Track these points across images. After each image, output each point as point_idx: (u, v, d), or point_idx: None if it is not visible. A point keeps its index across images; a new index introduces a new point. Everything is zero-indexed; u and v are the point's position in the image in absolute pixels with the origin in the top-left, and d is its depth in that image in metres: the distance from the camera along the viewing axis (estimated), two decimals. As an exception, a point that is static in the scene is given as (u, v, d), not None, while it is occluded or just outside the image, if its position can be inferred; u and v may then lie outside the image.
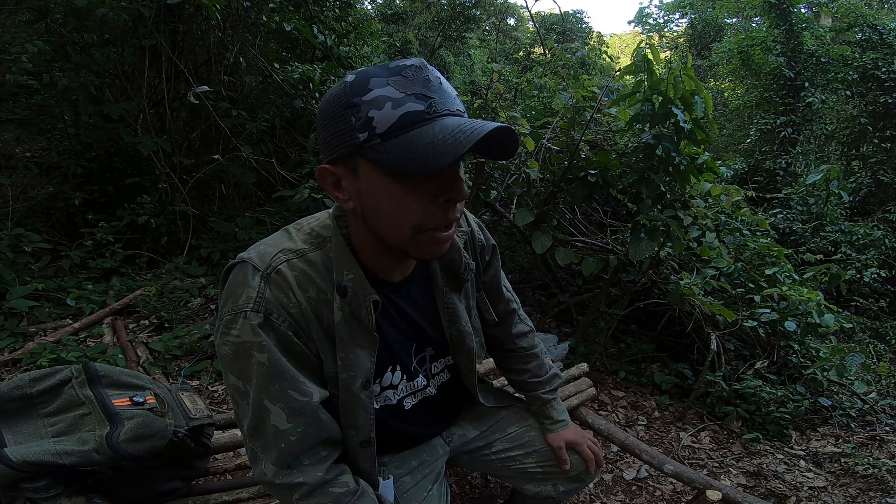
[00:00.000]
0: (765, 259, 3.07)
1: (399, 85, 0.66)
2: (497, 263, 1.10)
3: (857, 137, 7.91)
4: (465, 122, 0.66)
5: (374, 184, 0.70)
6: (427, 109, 0.66)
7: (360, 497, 0.82)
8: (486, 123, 0.66)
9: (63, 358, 2.23)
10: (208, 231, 3.48)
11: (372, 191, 0.71)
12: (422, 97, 0.66)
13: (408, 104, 0.65)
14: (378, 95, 0.66)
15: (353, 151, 0.69)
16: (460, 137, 0.64)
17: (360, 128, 0.67)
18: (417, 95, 0.66)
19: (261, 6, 3.54)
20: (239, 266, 0.78)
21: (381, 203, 0.71)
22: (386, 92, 0.66)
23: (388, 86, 0.66)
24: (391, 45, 9.81)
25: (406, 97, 0.66)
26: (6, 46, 3.10)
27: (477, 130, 0.64)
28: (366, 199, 0.72)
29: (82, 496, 0.98)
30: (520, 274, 3.49)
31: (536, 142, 2.56)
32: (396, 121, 0.65)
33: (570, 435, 1.14)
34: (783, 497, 1.99)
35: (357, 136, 0.67)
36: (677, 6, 18.18)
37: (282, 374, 0.75)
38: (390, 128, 0.65)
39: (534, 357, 1.18)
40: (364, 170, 0.70)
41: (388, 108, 0.65)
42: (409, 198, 0.70)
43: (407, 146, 0.65)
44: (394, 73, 0.67)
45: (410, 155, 0.65)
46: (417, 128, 0.65)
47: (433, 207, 0.71)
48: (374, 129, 0.66)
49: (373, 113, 0.66)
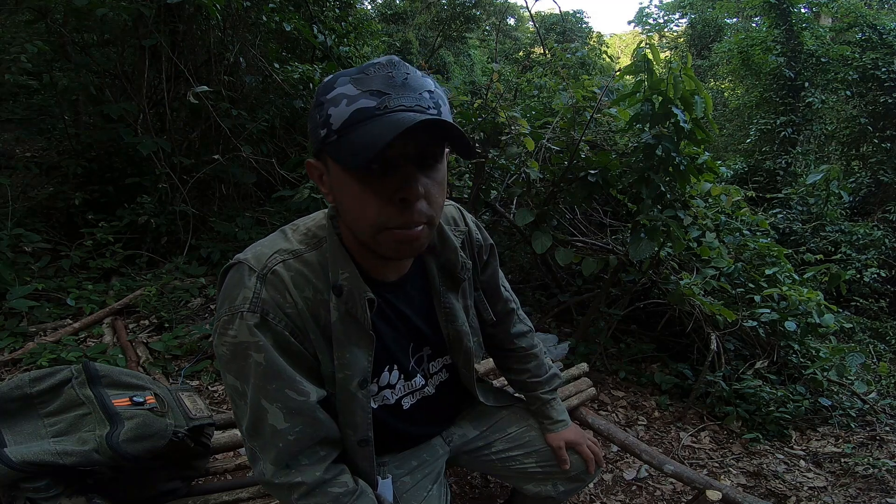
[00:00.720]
0: (765, 259, 3.06)
1: (358, 82, 0.67)
2: (495, 263, 1.09)
3: (857, 137, 7.91)
4: (403, 117, 0.64)
5: (337, 180, 0.72)
6: (378, 106, 0.66)
7: (358, 497, 0.82)
8: (417, 116, 0.64)
9: (63, 358, 2.24)
10: (208, 231, 3.48)
11: (338, 187, 0.73)
12: (376, 94, 0.66)
13: (360, 101, 0.66)
14: (337, 93, 0.67)
15: (320, 147, 0.71)
16: (386, 132, 0.63)
17: (322, 124, 0.68)
18: (372, 92, 0.66)
19: (261, 6, 3.54)
20: (235, 267, 0.78)
21: (344, 200, 0.73)
22: (344, 90, 0.67)
23: (349, 84, 0.67)
24: (391, 45, 9.80)
25: (360, 94, 0.66)
26: (6, 46, 3.09)
27: (405, 123, 0.63)
28: (336, 194, 0.75)
29: (82, 496, 0.98)
30: (520, 274, 3.49)
31: (536, 142, 2.56)
32: (348, 117, 0.66)
33: (570, 435, 1.14)
34: (783, 497, 1.99)
35: (320, 132, 0.69)
36: (677, 6, 18.17)
37: (279, 373, 0.76)
38: (343, 124, 0.66)
39: (533, 357, 1.18)
40: (330, 166, 0.72)
41: (343, 106, 0.66)
42: (365, 195, 0.70)
43: (354, 141, 0.66)
44: (359, 72, 0.68)
45: (353, 150, 0.65)
46: (366, 124, 0.66)
47: (389, 206, 0.70)
48: (331, 126, 0.67)
49: (331, 110, 0.67)
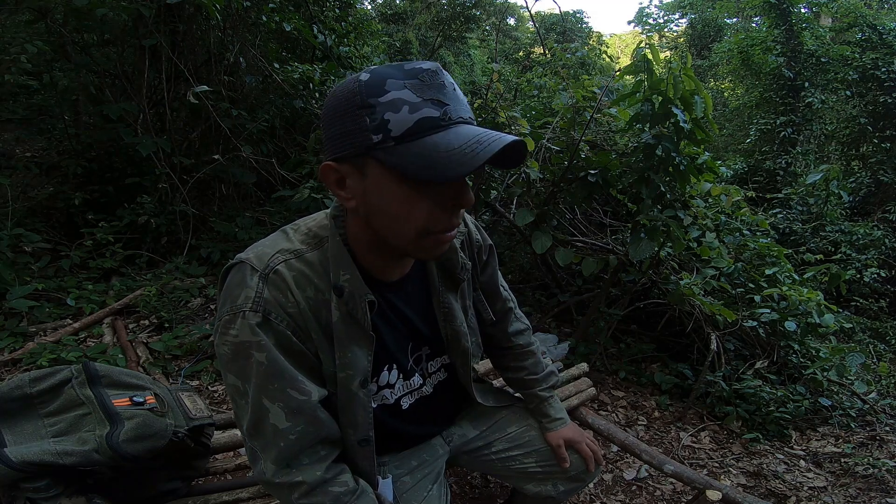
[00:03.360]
0: (765, 259, 3.06)
1: (416, 89, 0.66)
2: (494, 263, 1.10)
3: (857, 137, 7.90)
4: (482, 133, 0.66)
5: (382, 185, 0.70)
6: (443, 116, 0.66)
7: (359, 496, 0.82)
8: (502, 136, 0.66)
9: (63, 358, 2.23)
10: (208, 231, 3.48)
11: (379, 192, 0.71)
12: (438, 103, 0.66)
13: (424, 109, 0.65)
14: (395, 98, 0.65)
15: (363, 152, 0.68)
16: (478, 149, 0.64)
17: (375, 129, 0.66)
18: (434, 101, 0.66)
19: (261, 6, 3.54)
20: (237, 267, 0.78)
21: (387, 204, 0.71)
22: (403, 95, 0.66)
23: (406, 89, 0.66)
24: (391, 45, 9.79)
25: (423, 102, 0.66)
26: (6, 46, 3.09)
27: (494, 143, 0.65)
28: (372, 199, 0.72)
29: (82, 496, 0.98)
30: (520, 274, 3.49)
31: (536, 142, 2.56)
32: (413, 125, 0.65)
33: (569, 433, 1.14)
34: (783, 497, 1.99)
35: (371, 136, 0.67)
36: (677, 6, 18.18)
37: (280, 373, 0.76)
38: (406, 132, 0.65)
39: (530, 354, 1.18)
40: (373, 170, 0.70)
41: (406, 112, 0.65)
42: (417, 202, 0.70)
43: (422, 152, 0.65)
44: (411, 77, 0.67)
45: (425, 161, 0.65)
46: (433, 134, 0.66)
47: (439, 212, 0.72)
48: (389, 132, 0.66)
49: (389, 115, 0.65)
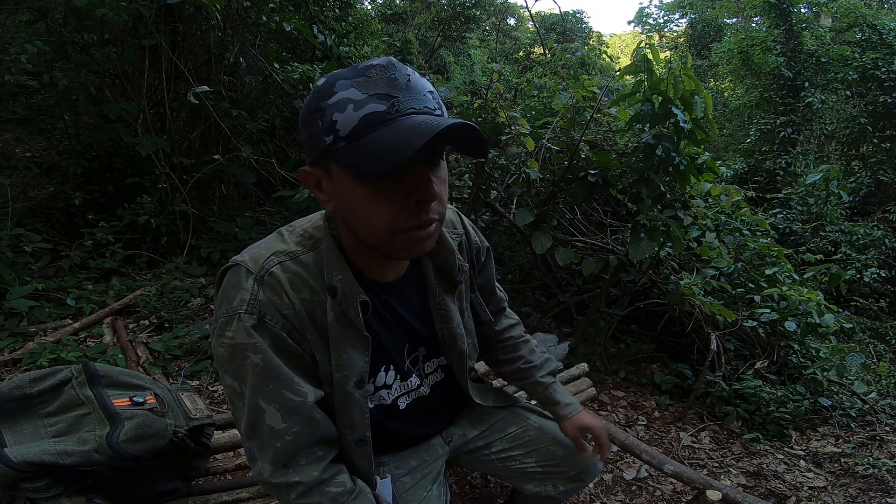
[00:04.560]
0: (765, 259, 3.06)
1: (362, 86, 0.66)
2: (491, 265, 1.10)
3: (857, 137, 7.90)
4: (424, 120, 0.65)
5: (345, 186, 0.71)
6: (389, 110, 0.65)
7: (356, 496, 0.82)
8: (442, 120, 0.65)
9: (63, 358, 2.24)
10: (208, 231, 3.48)
11: (345, 194, 0.71)
12: (384, 97, 0.66)
13: (369, 105, 0.65)
14: (341, 98, 0.66)
15: (323, 155, 0.69)
16: (413, 136, 0.62)
17: (325, 131, 0.67)
18: (380, 96, 0.65)
19: (261, 6, 3.54)
20: (232, 269, 0.79)
21: (353, 205, 0.72)
22: (349, 94, 0.66)
23: (352, 87, 0.66)
24: (391, 45, 9.79)
25: (368, 98, 0.65)
26: (6, 46, 3.09)
27: (431, 128, 0.63)
28: (341, 201, 0.73)
29: (82, 496, 0.99)
30: (520, 274, 3.48)
31: (536, 142, 2.56)
32: (358, 123, 0.65)
33: (587, 419, 1.10)
34: (783, 497, 1.99)
35: (324, 139, 0.67)
36: (677, 6, 18.18)
37: (276, 374, 0.76)
38: (352, 130, 0.65)
39: (524, 344, 1.18)
40: (335, 172, 0.71)
41: (350, 111, 0.65)
42: (378, 200, 0.70)
43: (368, 148, 0.65)
44: (359, 75, 0.67)
45: (371, 156, 0.64)
46: (379, 129, 0.65)
47: (404, 209, 0.70)
48: (337, 133, 0.66)
49: (336, 116, 0.66)
